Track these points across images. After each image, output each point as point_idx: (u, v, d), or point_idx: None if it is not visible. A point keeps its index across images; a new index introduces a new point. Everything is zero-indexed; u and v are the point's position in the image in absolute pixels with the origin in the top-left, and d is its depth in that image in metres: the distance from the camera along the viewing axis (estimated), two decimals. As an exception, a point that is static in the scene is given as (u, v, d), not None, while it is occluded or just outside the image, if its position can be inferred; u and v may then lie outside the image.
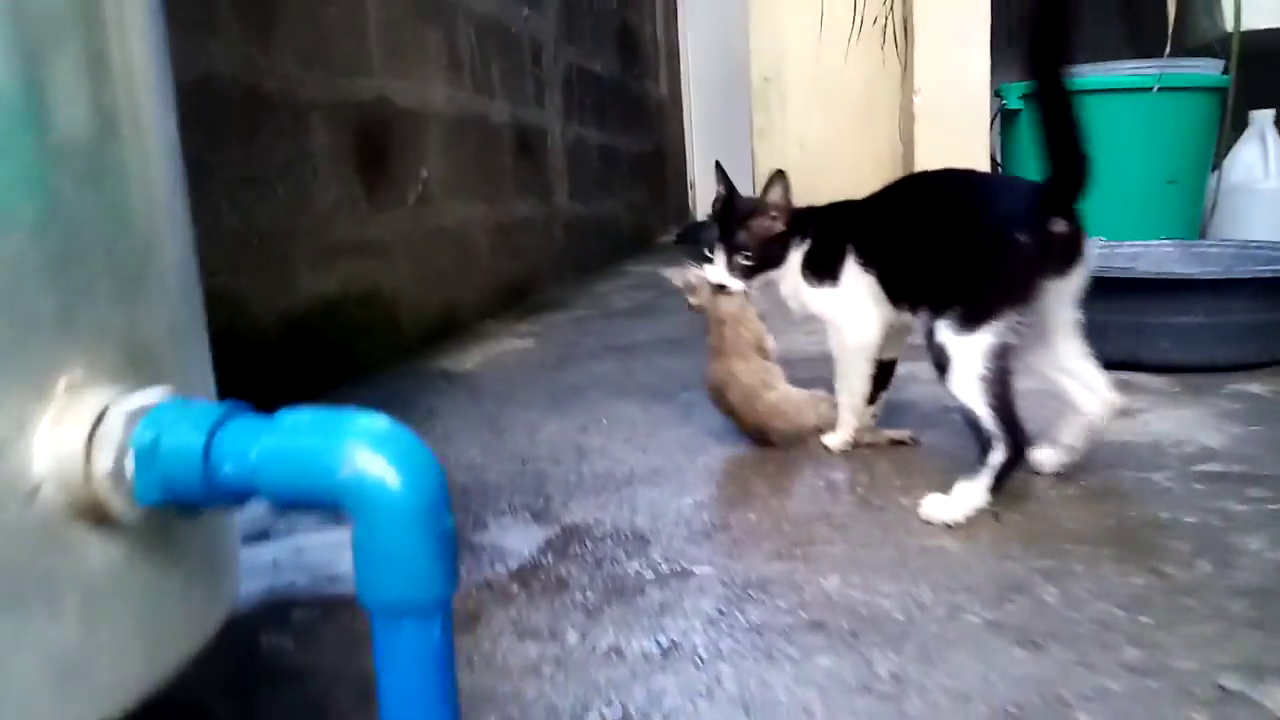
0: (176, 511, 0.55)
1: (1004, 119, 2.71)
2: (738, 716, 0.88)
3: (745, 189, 4.19)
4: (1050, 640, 0.96)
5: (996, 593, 1.08)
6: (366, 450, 0.52)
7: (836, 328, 1.52)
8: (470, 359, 2.53)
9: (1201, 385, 1.85)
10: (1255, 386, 1.86)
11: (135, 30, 0.63)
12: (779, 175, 1.53)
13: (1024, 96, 2.61)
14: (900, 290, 1.43)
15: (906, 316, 1.46)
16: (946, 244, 1.32)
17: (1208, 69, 2.61)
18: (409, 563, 0.51)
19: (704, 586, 1.15)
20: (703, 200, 6.25)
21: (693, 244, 5.21)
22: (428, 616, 0.54)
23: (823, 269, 1.51)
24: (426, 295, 2.77)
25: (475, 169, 3.13)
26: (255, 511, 1.50)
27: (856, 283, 1.47)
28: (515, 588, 1.18)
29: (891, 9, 2.90)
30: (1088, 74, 2.59)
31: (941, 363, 1.30)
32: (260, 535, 1.40)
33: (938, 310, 1.31)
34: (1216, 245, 2.17)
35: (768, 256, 1.54)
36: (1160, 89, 2.39)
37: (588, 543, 1.31)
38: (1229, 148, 2.67)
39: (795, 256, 1.53)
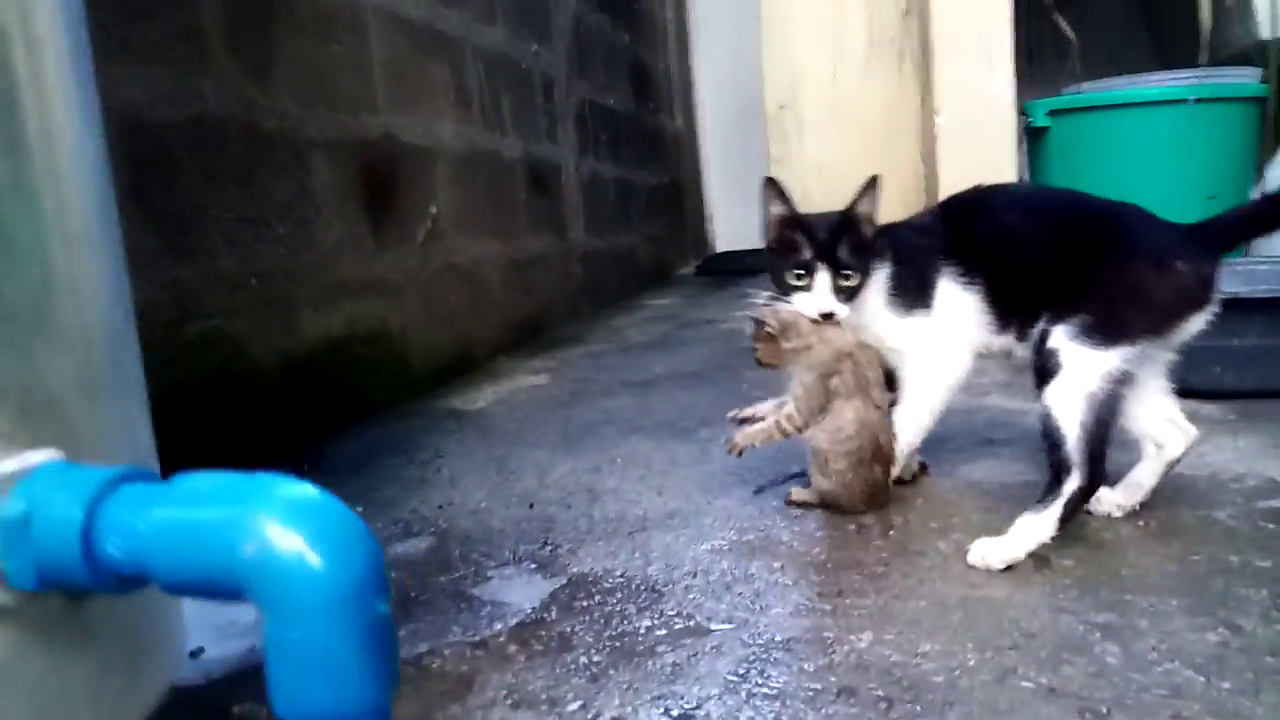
0: (67, 593, 0.45)
1: (1030, 137, 2.61)
2: (759, 804, 0.76)
3: (755, 215, 4.10)
4: (1116, 710, 0.84)
5: (1051, 652, 0.96)
6: (278, 524, 0.42)
7: (924, 359, 1.39)
8: (482, 397, 2.44)
9: (1258, 412, 1.72)
10: (1318, 412, 1.73)
11: (44, 46, 0.55)
12: (873, 182, 1.36)
13: (1051, 114, 2.52)
14: (1015, 304, 1.31)
15: (1007, 340, 1.35)
16: (1090, 258, 1.22)
17: (1246, 78, 2.50)
18: (332, 664, 0.41)
19: (722, 646, 1.04)
20: (722, 231, 6.17)
21: (713, 275, 5.14)
22: (359, 728, 0.44)
23: (913, 294, 1.36)
24: (437, 333, 2.69)
25: (487, 205, 3.07)
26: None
27: (956, 306, 1.35)
28: (514, 648, 1.08)
29: (909, 29, 2.82)
30: (1120, 87, 2.49)
31: (1048, 369, 1.20)
32: (236, 593, 1.30)
33: (1060, 316, 1.21)
34: (1266, 262, 2.04)
35: (866, 276, 1.36)
36: (1197, 100, 2.28)
37: (596, 595, 1.20)
38: (1270, 160, 2.55)
39: (875, 282, 1.37)
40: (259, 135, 1.99)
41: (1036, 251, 1.29)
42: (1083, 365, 1.19)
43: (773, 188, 1.40)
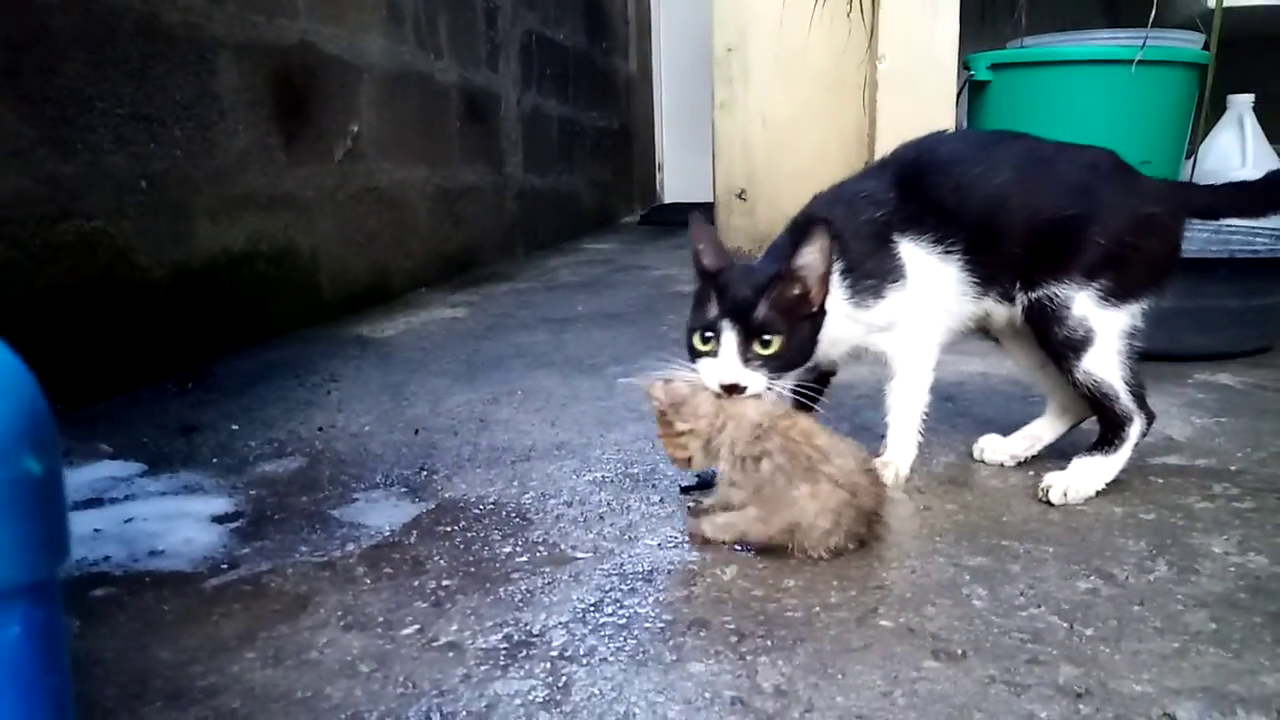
0: None
1: (971, 91, 2.56)
2: (578, 735, 0.71)
3: (704, 167, 3.99)
4: (972, 652, 0.80)
5: (917, 593, 0.91)
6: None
7: (908, 337, 1.21)
8: (393, 326, 2.35)
9: (1168, 374, 1.70)
10: (1226, 377, 1.72)
11: None
12: (821, 228, 1.06)
13: (993, 67, 2.46)
14: (999, 267, 1.18)
15: (984, 306, 1.22)
16: (1083, 211, 1.15)
17: (1189, 43, 2.47)
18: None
19: (580, 575, 0.98)
20: (670, 183, 6.06)
21: (658, 225, 5.05)
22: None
23: (877, 276, 1.17)
24: (352, 258, 2.58)
25: (416, 130, 2.94)
26: (96, 473, 1.32)
27: (932, 276, 1.19)
28: (361, 570, 1.01)
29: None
30: (1064, 44, 2.45)
31: (1080, 339, 1.15)
32: (90, 501, 1.22)
33: (1065, 276, 1.14)
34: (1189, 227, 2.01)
35: (802, 339, 1.09)
36: (1140, 62, 2.24)
37: (461, 521, 1.13)
38: (1205, 132, 2.53)
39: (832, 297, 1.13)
40: (159, 28, 1.85)
41: (1022, 208, 1.17)
42: (1111, 328, 1.16)
43: (699, 225, 1.15)
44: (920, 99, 2.52)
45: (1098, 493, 1.15)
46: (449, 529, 1.11)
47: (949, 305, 1.22)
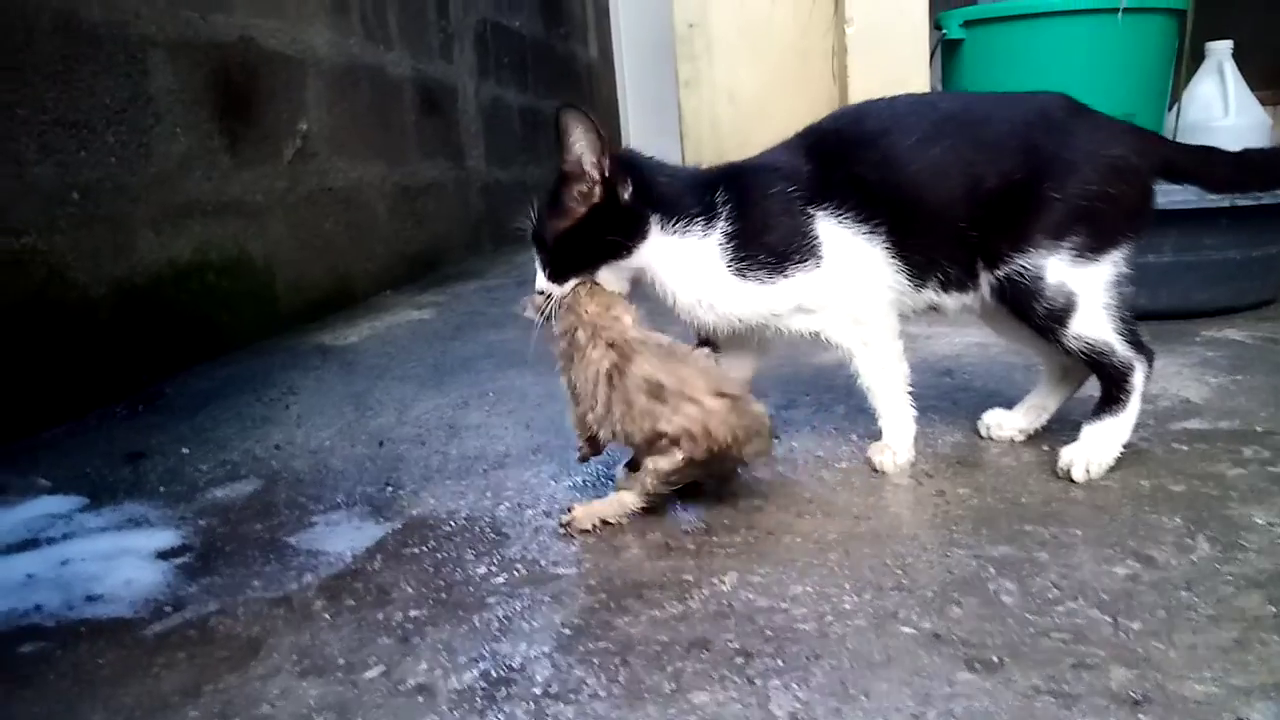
0: None
1: (944, 51, 2.46)
2: (570, 790, 0.61)
3: (673, 149, 3.87)
4: (1010, 659, 0.71)
5: (939, 591, 0.82)
6: None
7: (845, 319, 1.10)
8: (355, 332, 2.23)
9: (1173, 332, 1.62)
10: (1234, 332, 1.64)
11: None
12: (571, 113, 1.06)
13: (966, 24, 2.37)
14: (940, 249, 1.07)
15: (927, 297, 1.11)
16: (1038, 169, 1.04)
17: (1167, -12, 2.39)
18: None
19: (564, 594, 0.88)
20: (640, 170, 5.94)
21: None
22: None
23: (776, 253, 1.07)
24: (309, 263, 2.45)
25: (370, 125, 2.82)
26: (32, 511, 1.21)
27: (853, 255, 1.07)
28: (319, 604, 0.91)
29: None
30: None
31: (1063, 306, 1.04)
32: (25, 543, 1.11)
33: (1040, 247, 1.03)
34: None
35: (589, 241, 1.08)
36: (1125, 10, 2.15)
37: (430, 541, 1.03)
38: (1186, 81, 2.46)
39: (686, 240, 1.08)
40: (80, 27, 1.72)
41: (961, 178, 1.05)
42: (1093, 284, 1.05)
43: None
44: (892, 62, 2.43)
45: (1118, 460, 1.06)
46: (417, 550, 1.01)
47: (886, 282, 1.09)
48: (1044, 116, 1.07)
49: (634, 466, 1.07)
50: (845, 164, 1.09)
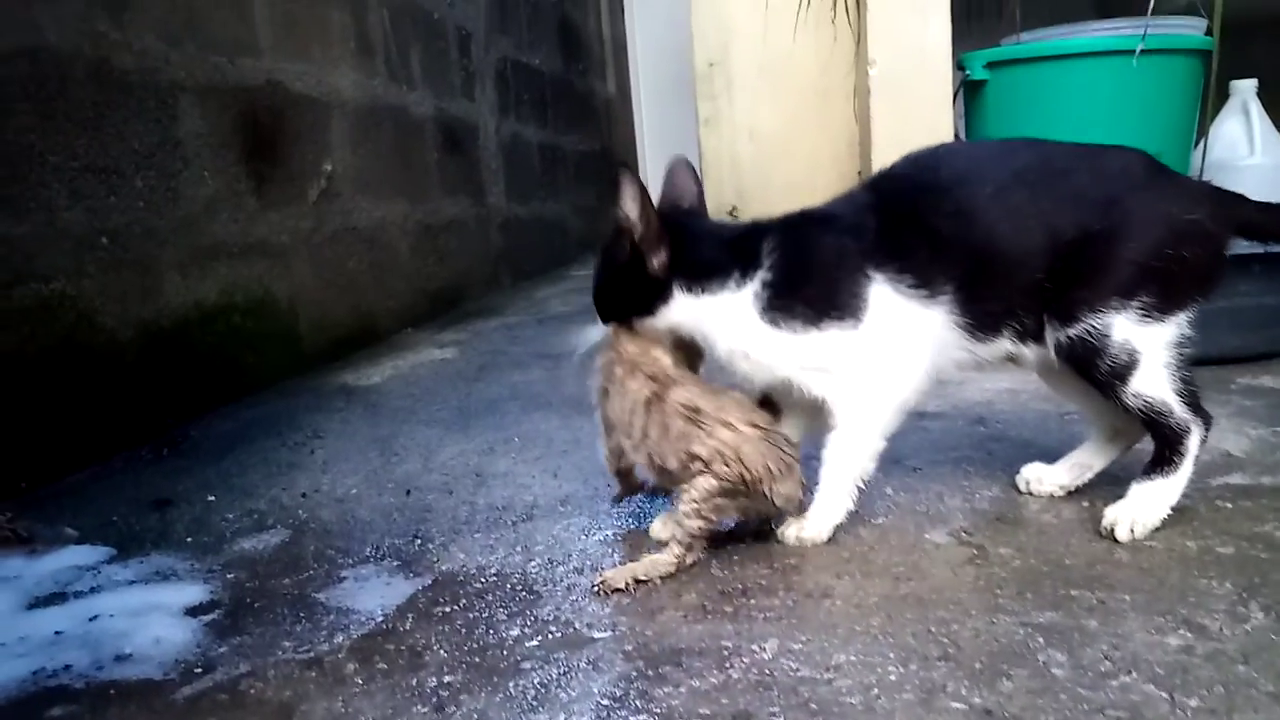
0: None
1: (968, 92, 2.47)
2: None
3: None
4: (1064, 737, 0.69)
5: (987, 663, 0.80)
6: None
7: (856, 389, 1.08)
8: (379, 372, 2.23)
9: (1207, 380, 1.56)
10: (1270, 379, 1.61)
11: None
12: (625, 174, 1.08)
13: (990, 65, 2.37)
14: (1011, 302, 1.06)
15: (998, 348, 1.09)
16: (1111, 225, 1.03)
17: (1191, 29, 2.38)
18: None
19: (600, 660, 0.87)
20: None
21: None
22: None
23: (815, 304, 1.06)
24: (333, 303, 2.46)
25: (393, 164, 2.84)
26: (60, 562, 1.20)
27: (903, 321, 1.06)
28: (352, 667, 0.89)
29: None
30: (1061, 37, 2.35)
31: (1124, 364, 1.03)
32: (53, 596, 1.10)
33: (1109, 306, 1.02)
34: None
35: (620, 293, 1.13)
36: (1142, 51, 2.15)
37: (462, 599, 1.02)
38: (1213, 119, 2.45)
39: (718, 298, 1.08)
40: (112, 74, 1.74)
41: (1042, 230, 1.04)
42: (1157, 344, 1.04)
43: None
44: (915, 103, 2.43)
45: (1163, 521, 1.04)
46: (448, 609, 1.00)
47: (924, 360, 1.08)
48: (1126, 174, 1.07)
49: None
50: (916, 218, 1.07)
